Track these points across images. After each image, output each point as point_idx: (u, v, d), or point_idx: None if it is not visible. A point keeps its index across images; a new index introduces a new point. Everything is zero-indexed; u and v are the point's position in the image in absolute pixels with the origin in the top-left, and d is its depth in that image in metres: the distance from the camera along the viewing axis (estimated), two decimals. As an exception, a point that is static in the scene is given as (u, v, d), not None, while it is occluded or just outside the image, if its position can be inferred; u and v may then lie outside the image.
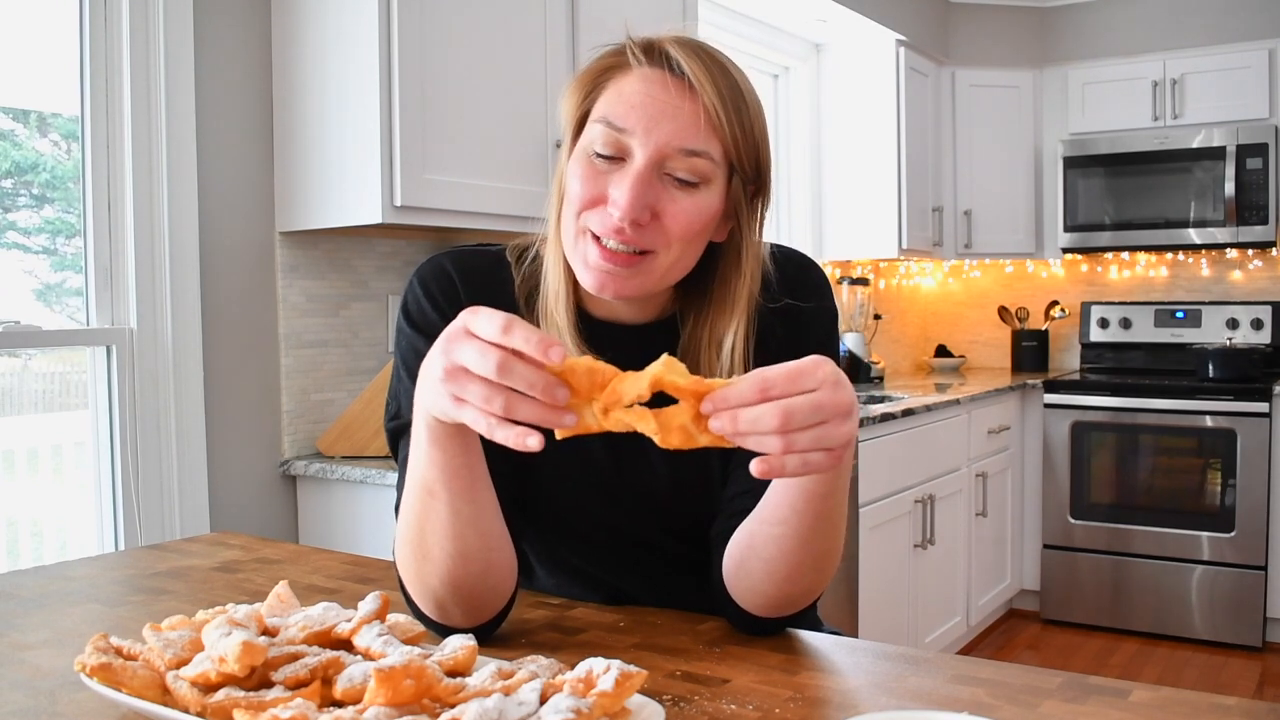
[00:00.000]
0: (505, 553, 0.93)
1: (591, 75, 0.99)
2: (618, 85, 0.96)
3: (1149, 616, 3.85)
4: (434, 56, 2.06)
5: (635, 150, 0.94)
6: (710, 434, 0.73)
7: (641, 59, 0.96)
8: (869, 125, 3.98)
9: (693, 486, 1.07)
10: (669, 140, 0.93)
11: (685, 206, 0.95)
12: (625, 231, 0.93)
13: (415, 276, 1.07)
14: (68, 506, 2.06)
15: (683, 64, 0.94)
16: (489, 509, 0.90)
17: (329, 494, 2.16)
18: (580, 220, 0.96)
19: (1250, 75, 3.95)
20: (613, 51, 0.99)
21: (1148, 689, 0.81)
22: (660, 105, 0.93)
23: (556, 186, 1.02)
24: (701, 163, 0.94)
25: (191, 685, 0.72)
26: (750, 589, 0.94)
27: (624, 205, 0.92)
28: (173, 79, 1.99)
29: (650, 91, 0.94)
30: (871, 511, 2.93)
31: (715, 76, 0.94)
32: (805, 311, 1.07)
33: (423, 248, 2.47)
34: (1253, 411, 3.67)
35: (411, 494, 0.89)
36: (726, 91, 0.95)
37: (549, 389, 0.72)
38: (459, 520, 0.87)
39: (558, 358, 0.71)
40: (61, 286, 2.04)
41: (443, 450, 0.84)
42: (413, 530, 0.90)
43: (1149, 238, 4.11)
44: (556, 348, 0.71)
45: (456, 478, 0.86)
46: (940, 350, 4.75)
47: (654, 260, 0.96)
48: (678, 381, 0.72)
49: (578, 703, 0.66)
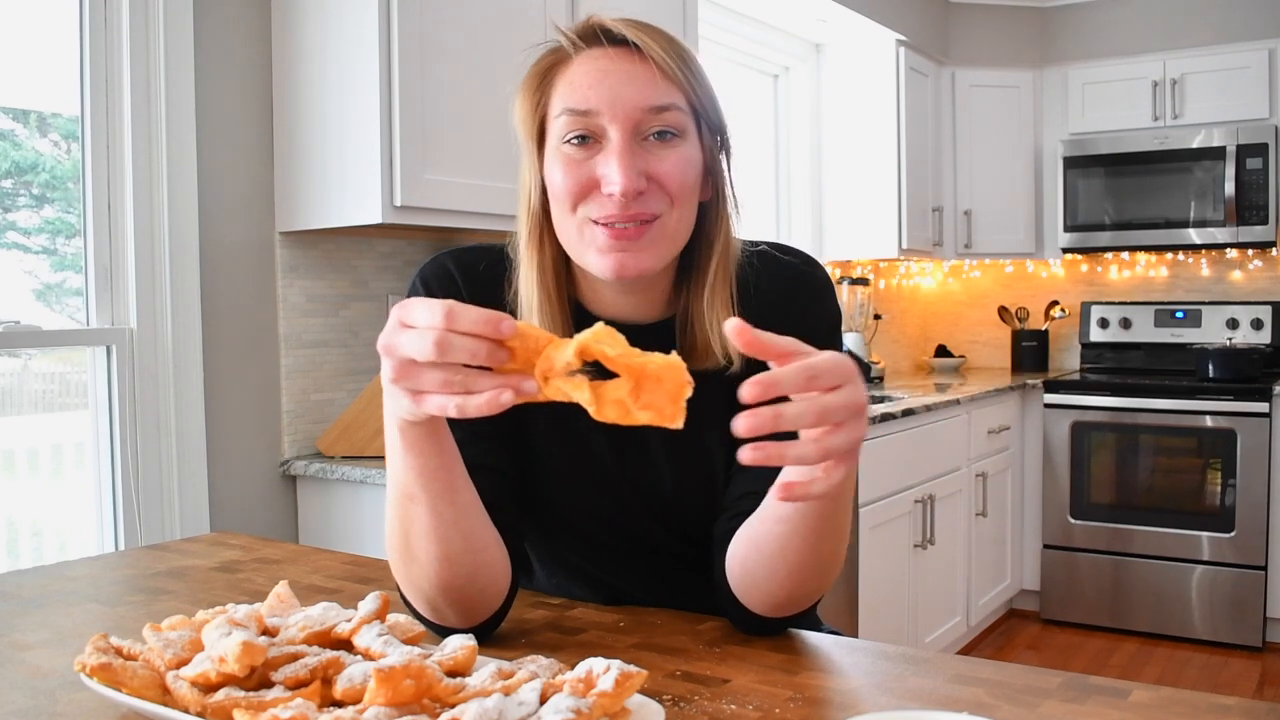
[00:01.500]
0: (493, 553, 0.92)
1: (537, 77, 1.00)
2: (566, 77, 0.98)
3: (1149, 616, 3.85)
4: (434, 56, 2.06)
5: (607, 127, 0.95)
6: (651, 411, 0.70)
7: (580, 43, 0.98)
8: (869, 125, 3.98)
9: (696, 486, 1.07)
10: (635, 103, 0.94)
11: (673, 159, 0.97)
12: (629, 205, 0.94)
13: (418, 276, 1.07)
14: (68, 506, 2.06)
15: (620, 32, 0.96)
16: (471, 510, 0.89)
17: (329, 494, 2.16)
18: (578, 214, 0.97)
19: (1250, 75, 3.95)
20: (549, 50, 1.01)
21: (1148, 689, 0.81)
22: (615, 75, 0.95)
23: (525, 196, 1.02)
24: (671, 115, 0.96)
25: (191, 685, 0.72)
26: (753, 586, 0.94)
27: (620, 180, 0.93)
28: (173, 79, 1.99)
29: (601, 67, 0.96)
30: (871, 511, 2.93)
31: (654, 36, 0.97)
32: (808, 313, 1.07)
33: (423, 248, 2.47)
34: (1253, 411, 3.67)
35: (393, 501, 0.89)
36: (669, 45, 0.97)
37: (492, 353, 0.71)
38: (442, 523, 0.87)
39: (509, 330, 0.70)
40: (61, 286, 2.04)
41: (418, 454, 0.83)
42: (398, 536, 0.90)
43: (1149, 238, 4.11)
44: (506, 321, 0.70)
45: (435, 480, 0.85)
46: (940, 350, 4.75)
47: (662, 223, 0.97)
48: (605, 351, 0.70)
49: (578, 703, 0.66)
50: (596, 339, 0.70)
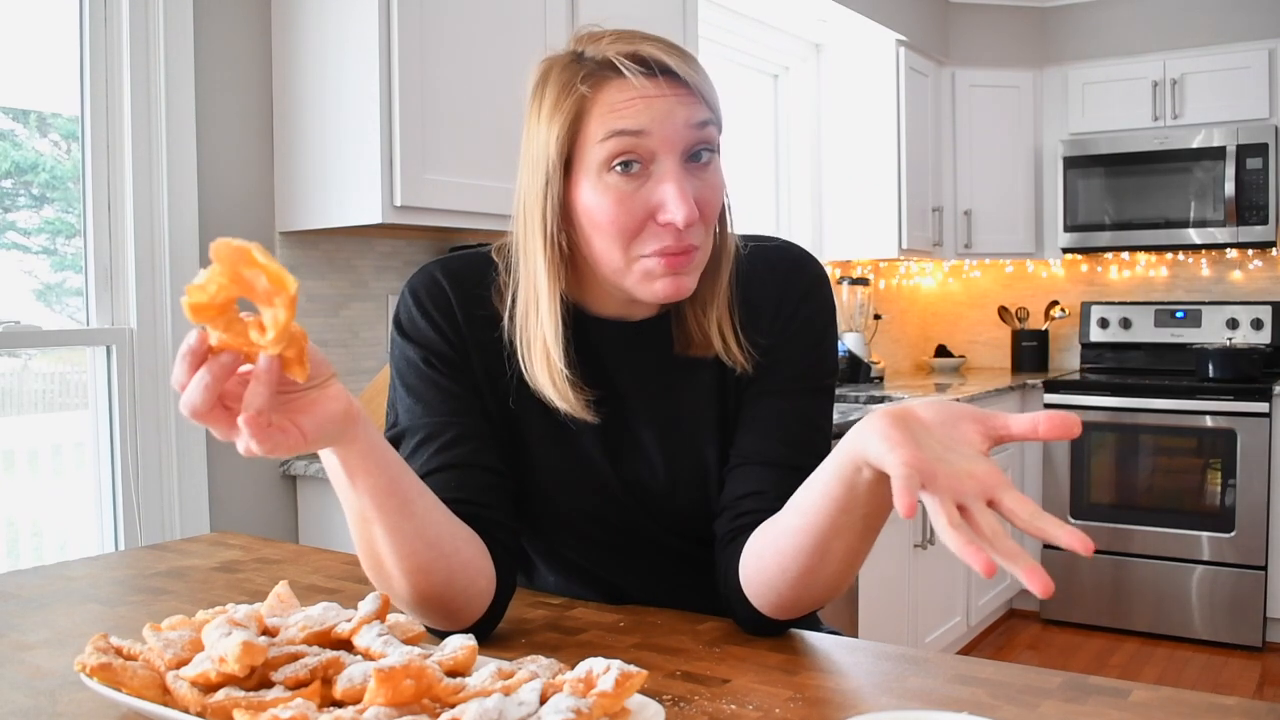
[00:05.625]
0: (467, 552, 0.91)
1: (565, 96, 0.95)
2: (603, 100, 0.94)
3: (1149, 616, 3.85)
4: (434, 56, 2.06)
5: (658, 150, 0.93)
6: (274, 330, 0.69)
7: (621, 68, 0.94)
8: (869, 125, 3.98)
9: (689, 483, 1.07)
10: (685, 123, 0.94)
11: (713, 184, 0.98)
12: (683, 236, 0.94)
13: (406, 288, 1.07)
14: (68, 506, 2.06)
15: (659, 59, 0.94)
16: (431, 517, 0.88)
17: (329, 494, 2.15)
18: (630, 250, 0.95)
19: (1250, 75, 3.95)
20: (571, 67, 0.96)
21: (1148, 689, 0.81)
22: (665, 99, 0.94)
23: (538, 212, 0.98)
24: (709, 130, 0.96)
25: (191, 685, 0.72)
26: (768, 588, 0.93)
27: (682, 211, 0.92)
28: (173, 79, 1.99)
29: (644, 87, 0.93)
30: (871, 511, 2.92)
31: (681, 55, 0.96)
32: (802, 308, 1.07)
33: (423, 248, 2.47)
34: (1253, 411, 3.67)
35: (353, 525, 0.88)
36: (688, 59, 0.96)
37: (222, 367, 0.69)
38: (404, 538, 0.86)
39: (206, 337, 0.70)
40: (61, 286, 2.04)
41: (362, 476, 0.83)
42: (367, 558, 0.90)
43: (1149, 238, 4.11)
44: (196, 333, 0.70)
45: (388, 498, 0.84)
46: (940, 350, 4.75)
47: (701, 253, 0.98)
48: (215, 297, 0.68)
49: (578, 703, 0.66)
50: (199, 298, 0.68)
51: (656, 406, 1.07)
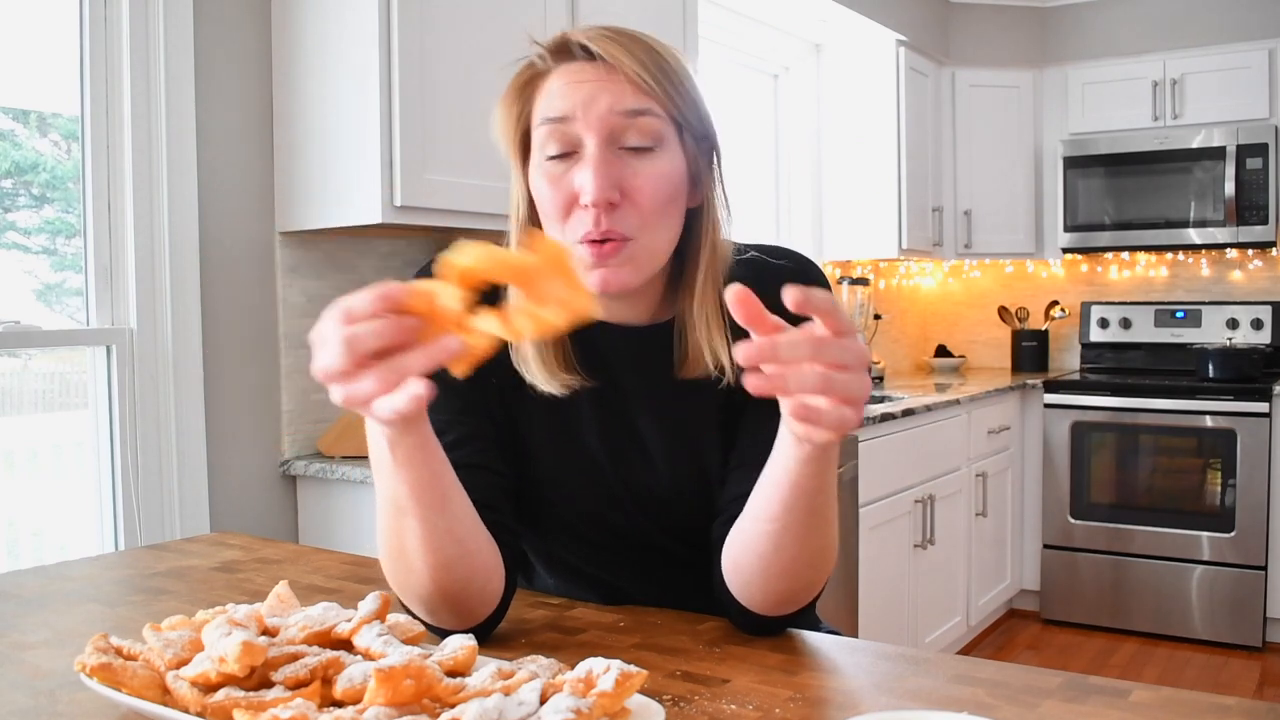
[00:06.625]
0: (487, 555, 0.92)
1: (516, 90, 1.01)
2: (544, 89, 0.99)
3: (1149, 616, 3.85)
4: (434, 56, 2.06)
5: (583, 135, 0.96)
6: (554, 305, 0.67)
7: (555, 59, 0.99)
8: (869, 125, 3.98)
9: (691, 487, 1.07)
10: (609, 108, 0.95)
11: (649, 173, 0.97)
12: (602, 220, 0.94)
13: None
14: (68, 506, 2.06)
15: (592, 47, 0.97)
16: (464, 516, 0.89)
17: (329, 494, 2.16)
18: (565, 232, 0.98)
19: (1250, 75, 3.95)
20: (526, 64, 1.02)
21: (1148, 689, 0.81)
22: (590, 85, 0.96)
23: (514, 205, 1.05)
24: (648, 121, 0.96)
25: (191, 685, 0.72)
26: (748, 585, 0.94)
27: (591, 188, 0.94)
28: (173, 79, 1.99)
29: (576, 77, 0.97)
30: (871, 511, 2.93)
31: (629, 47, 0.97)
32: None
33: (423, 248, 2.47)
34: (1253, 411, 3.67)
35: (384, 514, 0.88)
36: (645, 55, 0.97)
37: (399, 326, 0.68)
38: (435, 533, 0.86)
39: (399, 291, 0.69)
40: (61, 286, 2.04)
41: (410, 468, 0.82)
42: (392, 549, 0.90)
43: (1149, 238, 4.11)
44: (393, 285, 0.69)
45: (427, 492, 0.84)
46: (940, 350, 4.75)
47: (635, 245, 0.97)
48: (478, 268, 0.68)
49: (578, 703, 0.66)
50: (462, 254, 0.68)
51: (660, 410, 1.07)
